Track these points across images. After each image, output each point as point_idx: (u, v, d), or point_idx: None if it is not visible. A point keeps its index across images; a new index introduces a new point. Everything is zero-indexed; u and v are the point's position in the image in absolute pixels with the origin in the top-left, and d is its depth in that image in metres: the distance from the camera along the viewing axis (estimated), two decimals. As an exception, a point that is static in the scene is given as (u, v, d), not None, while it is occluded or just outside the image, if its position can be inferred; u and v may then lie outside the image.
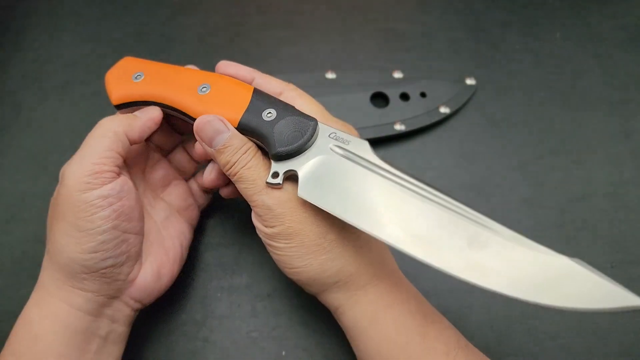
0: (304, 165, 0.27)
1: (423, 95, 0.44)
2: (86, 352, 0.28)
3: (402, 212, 0.25)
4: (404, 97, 0.44)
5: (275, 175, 0.27)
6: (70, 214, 0.27)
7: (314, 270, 0.28)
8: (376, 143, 0.43)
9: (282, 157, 0.28)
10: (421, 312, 0.29)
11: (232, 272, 0.37)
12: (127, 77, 0.31)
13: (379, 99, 0.45)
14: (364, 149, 0.28)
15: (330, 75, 0.45)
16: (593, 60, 0.47)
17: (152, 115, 0.30)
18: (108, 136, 0.28)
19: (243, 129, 0.29)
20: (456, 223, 0.25)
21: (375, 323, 0.28)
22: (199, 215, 0.36)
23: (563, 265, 0.23)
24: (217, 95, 0.30)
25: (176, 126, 0.35)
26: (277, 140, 0.28)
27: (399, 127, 0.42)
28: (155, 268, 0.31)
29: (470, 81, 0.45)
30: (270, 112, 0.28)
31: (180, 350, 0.35)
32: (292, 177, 0.28)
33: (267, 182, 0.27)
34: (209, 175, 0.32)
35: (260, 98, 0.29)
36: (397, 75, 0.45)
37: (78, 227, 0.27)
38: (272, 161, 0.28)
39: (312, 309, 0.36)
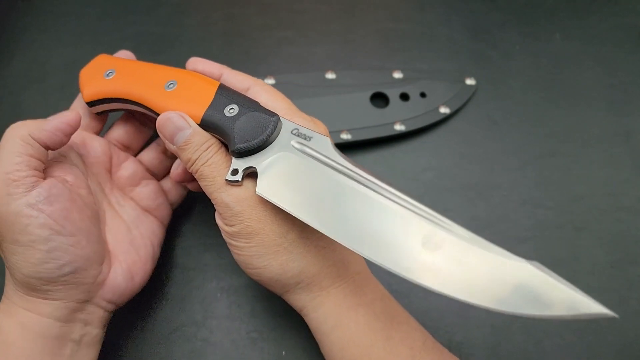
0: (263, 162, 0.27)
1: (423, 95, 0.44)
2: (59, 356, 0.27)
3: (355, 210, 0.25)
4: (404, 97, 0.44)
5: (235, 172, 0.27)
6: (6, 231, 0.26)
7: (275, 271, 0.28)
8: (376, 143, 0.43)
9: (242, 154, 0.27)
10: (387, 314, 0.28)
11: (232, 272, 0.37)
12: (100, 74, 0.31)
13: (379, 99, 0.45)
14: (325, 146, 0.27)
15: (330, 75, 0.45)
16: (593, 60, 0.47)
17: (66, 119, 0.28)
18: (14, 142, 0.26)
19: (206, 125, 0.28)
20: (411, 222, 0.24)
21: (338, 326, 0.28)
22: (171, 214, 0.36)
23: (520, 268, 0.22)
24: (182, 92, 0.29)
25: (145, 122, 0.35)
26: (238, 136, 0.27)
27: (399, 127, 0.42)
28: (126, 267, 0.30)
29: (470, 81, 0.45)
30: (232, 108, 0.28)
31: (180, 351, 0.35)
32: (253, 175, 0.27)
33: (226, 179, 0.27)
34: (175, 170, 0.31)
35: (224, 94, 0.29)
36: (397, 75, 0.45)
37: (17, 242, 0.25)
38: (232, 158, 0.28)
39: (312, 309, 0.36)
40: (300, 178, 0.26)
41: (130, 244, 0.31)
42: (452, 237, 0.23)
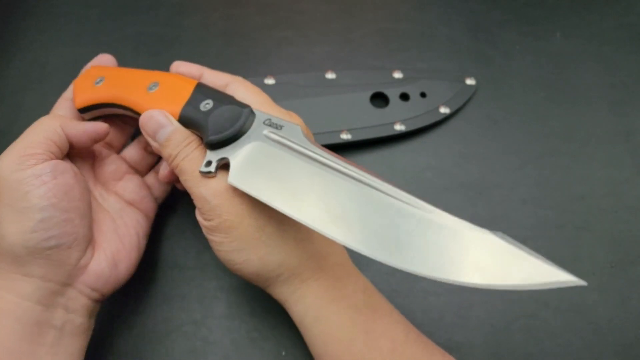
0: (236, 153, 0.28)
1: (423, 95, 0.44)
2: (41, 345, 0.27)
3: (325, 194, 0.25)
4: (404, 97, 0.44)
5: (209, 164, 0.28)
6: (5, 196, 0.27)
7: (255, 265, 0.28)
8: (376, 143, 0.43)
9: (215, 145, 0.28)
10: (369, 307, 0.29)
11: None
12: (90, 82, 0.33)
13: (379, 99, 0.44)
14: (296, 133, 0.27)
15: (330, 75, 0.45)
16: (593, 59, 0.47)
17: (97, 127, 0.31)
18: (44, 126, 0.29)
19: (184, 121, 0.30)
20: (379, 202, 0.24)
21: (319, 319, 0.28)
22: (156, 207, 0.36)
23: (484, 239, 0.22)
24: (163, 92, 0.31)
25: (127, 121, 0.36)
26: (211, 128, 0.28)
27: (399, 127, 0.42)
28: (110, 255, 0.31)
29: (470, 81, 0.45)
30: (207, 103, 0.29)
31: (180, 350, 0.35)
32: (228, 166, 0.28)
33: (200, 171, 0.28)
34: (163, 171, 0.32)
35: (201, 91, 0.30)
36: (397, 75, 0.45)
37: (14, 207, 0.27)
38: (207, 151, 0.28)
39: (311, 309, 0.36)
40: (272, 166, 0.27)
41: (114, 233, 0.32)
42: (418, 212, 0.24)
